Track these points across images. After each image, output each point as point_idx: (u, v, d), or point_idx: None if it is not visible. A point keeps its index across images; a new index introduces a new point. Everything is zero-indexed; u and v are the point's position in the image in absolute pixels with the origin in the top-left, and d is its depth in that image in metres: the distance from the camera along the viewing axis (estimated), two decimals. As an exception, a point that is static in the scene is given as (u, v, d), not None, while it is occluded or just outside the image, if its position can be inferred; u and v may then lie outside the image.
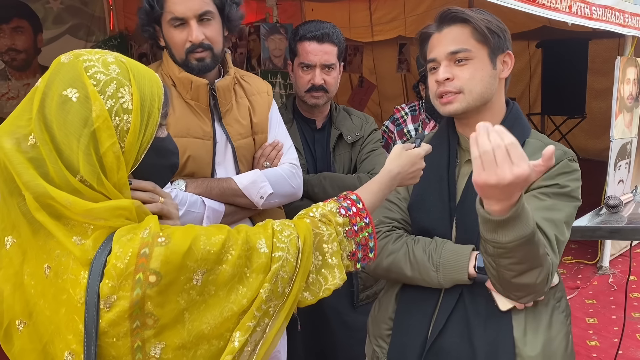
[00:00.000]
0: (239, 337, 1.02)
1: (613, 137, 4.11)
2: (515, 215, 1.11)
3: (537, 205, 1.35)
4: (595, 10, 3.61)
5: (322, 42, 2.14)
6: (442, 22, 1.45)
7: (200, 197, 1.73)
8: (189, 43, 1.69)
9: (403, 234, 1.53)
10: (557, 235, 1.34)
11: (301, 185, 1.94)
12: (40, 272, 0.99)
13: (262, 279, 1.04)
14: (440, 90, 1.44)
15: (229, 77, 1.81)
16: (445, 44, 1.43)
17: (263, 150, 1.89)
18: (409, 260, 1.46)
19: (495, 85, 1.45)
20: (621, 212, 2.49)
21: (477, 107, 1.44)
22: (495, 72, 1.44)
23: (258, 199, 1.80)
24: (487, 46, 1.42)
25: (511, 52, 1.46)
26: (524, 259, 1.21)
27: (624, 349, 3.29)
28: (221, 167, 1.82)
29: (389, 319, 1.56)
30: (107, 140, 0.97)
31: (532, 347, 1.39)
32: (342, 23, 7.25)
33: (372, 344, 1.62)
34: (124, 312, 0.93)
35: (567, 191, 1.39)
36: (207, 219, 1.73)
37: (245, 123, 1.86)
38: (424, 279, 1.44)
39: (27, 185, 0.95)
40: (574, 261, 4.73)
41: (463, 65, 1.41)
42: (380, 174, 1.36)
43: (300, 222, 1.16)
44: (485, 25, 1.40)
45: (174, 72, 1.74)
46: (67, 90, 0.97)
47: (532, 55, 7.88)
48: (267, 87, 1.98)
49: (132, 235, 0.97)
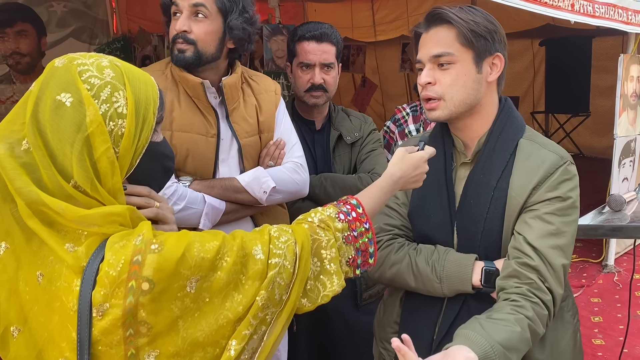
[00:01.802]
0: (235, 345, 1.01)
1: (617, 135, 4.09)
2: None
3: (543, 230, 1.34)
4: (598, 7, 3.59)
5: (320, 41, 2.15)
6: (430, 21, 1.42)
7: (201, 194, 1.73)
8: (174, 31, 1.71)
9: (404, 242, 1.52)
10: (564, 263, 1.34)
11: (306, 181, 1.93)
12: (33, 279, 0.98)
13: (258, 286, 1.03)
14: (424, 94, 1.42)
15: (235, 75, 1.82)
16: (430, 46, 1.40)
17: (267, 150, 1.90)
18: (412, 272, 1.45)
19: (482, 90, 1.41)
20: (624, 211, 2.48)
21: (462, 113, 1.41)
22: (480, 76, 1.40)
23: (261, 194, 1.79)
24: (472, 50, 1.38)
25: (502, 54, 1.42)
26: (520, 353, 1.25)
27: (629, 347, 3.28)
28: (225, 164, 1.82)
29: (394, 322, 1.56)
30: (101, 145, 0.96)
31: (541, 350, 1.38)
32: (344, 23, 7.26)
33: (378, 346, 1.62)
34: (117, 320, 0.92)
35: (570, 203, 1.36)
36: (205, 216, 1.72)
37: (252, 121, 1.86)
38: (427, 289, 1.44)
39: (20, 192, 0.94)
40: (579, 260, 4.71)
41: (445, 69, 1.38)
42: (382, 178, 1.33)
43: (298, 227, 1.14)
44: (470, 29, 1.36)
45: (176, 70, 1.76)
46: (61, 94, 0.96)
47: (535, 54, 7.85)
48: (275, 86, 1.98)
49: (125, 242, 0.96)
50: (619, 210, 2.47)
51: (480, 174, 1.42)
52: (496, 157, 1.41)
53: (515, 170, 1.39)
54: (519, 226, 1.37)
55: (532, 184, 1.36)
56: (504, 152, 1.41)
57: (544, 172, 1.36)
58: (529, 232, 1.34)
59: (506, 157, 1.40)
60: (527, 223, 1.35)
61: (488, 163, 1.41)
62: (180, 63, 1.72)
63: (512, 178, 1.38)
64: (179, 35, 1.70)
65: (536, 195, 1.36)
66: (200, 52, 1.72)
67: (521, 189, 1.37)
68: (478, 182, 1.41)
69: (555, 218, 1.35)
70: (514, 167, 1.39)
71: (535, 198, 1.36)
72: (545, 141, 1.45)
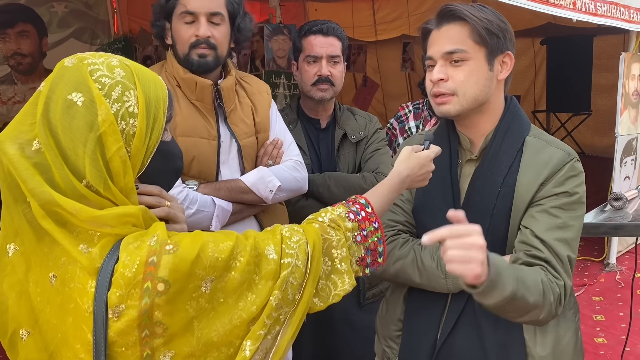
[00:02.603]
0: (249, 345, 1.01)
1: (618, 133, 4.09)
2: (490, 285, 1.13)
3: (550, 224, 1.34)
4: (600, 6, 3.60)
5: (327, 35, 2.18)
6: (442, 18, 1.42)
7: (210, 197, 1.76)
8: (194, 37, 1.72)
9: (409, 238, 1.52)
10: (570, 255, 1.34)
11: (306, 179, 1.97)
12: (45, 281, 0.98)
13: (272, 286, 1.03)
14: (435, 91, 1.42)
15: (231, 77, 1.84)
16: (442, 42, 1.40)
17: (265, 149, 1.92)
18: (417, 267, 1.45)
19: (492, 87, 1.42)
20: (626, 209, 2.48)
21: (472, 109, 1.42)
22: (492, 73, 1.40)
23: (267, 193, 1.83)
24: (485, 47, 1.38)
25: (511, 52, 1.43)
26: (516, 310, 1.23)
27: (631, 346, 3.28)
28: (225, 166, 1.84)
29: (398, 320, 1.56)
30: (114, 144, 0.96)
31: (543, 347, 1.39)
32: (345, 23, 7.25)
33: (381, 344, 1.62)
34: (133, 321, 0.92)
35: (576, 199, 1.37)
36: (216, 218, 1.75)
37: (249, 122, 1.89)
38: (432, 285, 1.44)
39: (33, 193, 0.94)
40: (581, 258, 4.71)
41: (458, 66, 1.38)
42: (389, 177, 1.34)
43: (309, 227, 1.14)
44: (484, 26, 1.36)
45: (178, 73, 1.76)
46: (72, 94, 0.96)
47: (536, 53, 7.85)
48: (266, 87, 2.01)
49: (140, 242, 0.96)
50: (621, 209, 2.47)
51: (487, 170, 1.42)
52: (503, 154, 1.42)
53: (523, 166, 1.40)
54: (525, 220, 1.38)
55: (540, 180, 1.37)
56: (511, 149, 1.42)
57: (551, 169, 1.37)
58: (536, 225, 1.35)
59: (513, 154, 1.41)
60: (533, 217, 1.36)
61: (495, 160, 1.42)
62: (202, 68, 1.74)
63: (520, 174, 1.39)
64: (201, 40, 1.71)
65: (543, 190, 1.37)
66: (219, 56, 1.76)
67: (529, 185, 1.37)
68: (485, 179, 1.42)
69: (562, 212, 1.35)
70: (521, 164, 1.40)
71: (543, 193, 1.37)
72: (552, 139, 1.46)
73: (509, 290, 1.16)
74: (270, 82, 4.42)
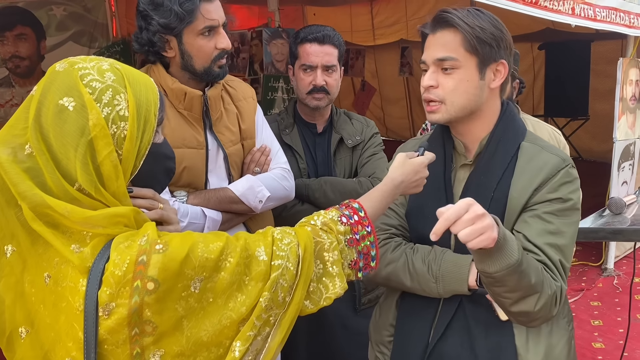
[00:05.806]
0: (239, 346, 1.01)
1: (616, 138, 4.09)
2: (498, 246, 1.16)
3: (542, 229, 1.35)
4: (599, 11, 3.60)
5: (323, 43, 2.15)
6: (436, 24, 1.42)
7: (200, 208, 1.75)
8: (216, 50, 1.71)
9: (401, 242, 1.52)
10: (562, 261, 1.34)
11: (293, 187, 1.97)
12: (40, 281, 0.99)
13: (261, 287, 1.03)
14: (425, 97, 1.43)
15: (218, 86, 1.82)
16: (435, 48, 1.40)
17: (252, 156, 1.91)
18: (408, 271, 1.45)
19: (483, 96, 1.41)
20: (624, 214, 2.49)
21: (462, 117, 1.42)
22: (483, 82, 1.40)
23: (257, 203, 1.82)
24: (476, 56, 1.37)
25: (505, 61, 1.41)
26: (516, 287, 1.24)
27: (629, 351, 3.28)
28: (213, 174, 1.83)
29: (390, 325, 1.56)
30: (105, 148, 0.97)
31: (535, 354, 1.38)
32: (343, 27, 7.26)
33: (374, 350, 1.62)
34: (123, 320, 0.93)
35: (570, 205, 1.37)
36: (207, 229, 1.74)
37: (235, 130, 1.88)
38: (423, 289, 1.44)
39: (24, 196, 0.95)
40: (579, 263, 4.71)
41: (449, 74, 1.39)
42: (383, 182, 1.34)
43: (301, 230, 1.15)
44: (476, 35, 1.35)
45: (166, 83, 1.73)
46: (63, 99, 0.97)
47: (535, 57, 7.86)
48: (251, 92, 1.99)
49: (130, 242, 0.96)
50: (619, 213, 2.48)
51: (481, 175, 1.43)
52: (498, 159, 1.42)
53: (517, 172, 1.40)
54: (518, 225, 1.38)
55: (534, 185, 1.37)
56: (505, 154, 1.42)
57: (546, 174, 1.37)
58: (528, 229, 1.35)
59: (507, 159, 1.41)
60: (526, 222, 1.37)
61: (489, 165, 1.42)
62: (220, 78, 1.77)
63: (514, 179, 1.39)
64: (226, 51, 1.73)
65: (537, 196, 1.37)
66: None
67: (523, 190, 1.38)
68: (478, 183, 1.42)
69: (555, 218, 1.36)
70: (515, 169, 1.40)
71: (536, 199, 1.37)
72: (547, 144, 1.46)
73: (515, 257, 1.19)
74: (269, 86, 4.41)
